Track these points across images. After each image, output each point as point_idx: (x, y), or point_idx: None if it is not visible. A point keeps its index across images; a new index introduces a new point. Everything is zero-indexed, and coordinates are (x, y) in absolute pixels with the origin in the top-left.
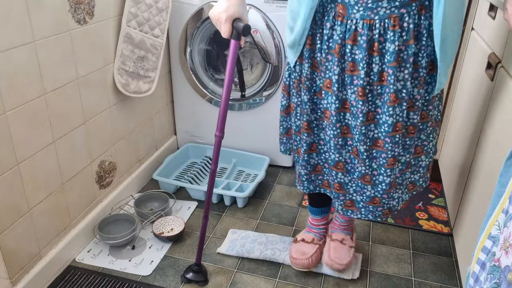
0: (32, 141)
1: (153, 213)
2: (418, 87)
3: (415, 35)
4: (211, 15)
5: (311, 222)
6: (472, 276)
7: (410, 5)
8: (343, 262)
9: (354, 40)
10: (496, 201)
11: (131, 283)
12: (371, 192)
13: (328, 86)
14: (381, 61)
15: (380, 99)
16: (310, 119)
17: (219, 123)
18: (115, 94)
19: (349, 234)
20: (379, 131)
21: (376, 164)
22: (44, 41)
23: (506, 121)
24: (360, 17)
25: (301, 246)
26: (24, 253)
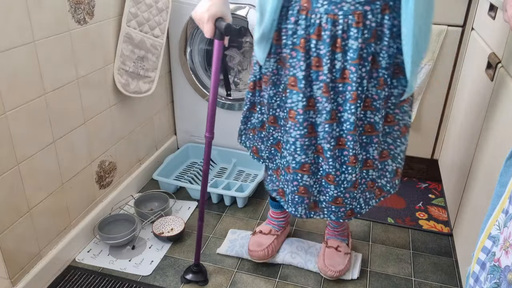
0: (32, 141)
1: (153, 213)
2: (377, 87)
3: (377, 34)
4: (194, 16)
5: (271, 215)
6: (472, 276)
7: (374, 3)
8: (337, 269)
9: (318, 35)
10: (496, 201)
11: (131, 283)
12: (334, 192)
13: (293, 84)
14: (343, 58)
15: (341, 97)
16: (277, 114)
17: (208, 124)
18: (115, 94)
19: (344, 240)
20: (340, 129)
21: (339, 163)
22: (44, 41)
23: (506, 121)
24: (324, 11)
25: (259, 238)
26: (24, 253)
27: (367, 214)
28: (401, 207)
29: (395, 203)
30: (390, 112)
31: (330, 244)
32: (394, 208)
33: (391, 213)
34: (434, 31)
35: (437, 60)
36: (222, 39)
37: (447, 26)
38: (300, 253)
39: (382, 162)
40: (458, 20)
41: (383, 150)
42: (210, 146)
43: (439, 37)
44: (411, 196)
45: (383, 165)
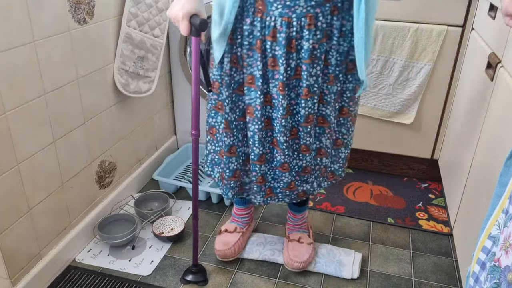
0: (32, 141)
1: (153, 213)
2: (327, 83)
3: (327, 34)
4: (169, 15)
5: (235, 212)
6: (472, 276)
7: (324, 5)
8: (302, 259)
9: (274, 37)
10: (496, 201)
11: (131, 283)
12: (288, 178)
13: (250, 82)
14: (297, 57)
15: (294, 92)
16: (229, 118)
17: (193, 122)
18: (115, 94)
19: (305, 232)
20: (293, 121)
21: (291, 151)
22: (44, 41)
23: (506, 121)
24: (278, 14)
25: (225, 237)
26: (24, 253)
27: (367, 214)
28: (401, 207)
29: (395, 203)
30: (345, 105)
31: (292, 237)
32: (394, 208)
33: (391, 213)
34: (434, 31)
35: (437, 60)
36: (199, 35)
37: (447, 26)
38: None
39: (336, 149)
40: (458, 20)
41: (337, 139)
42: (197, 143)
43: (439, 37)
44: (411, 196)
45: (337, 152)
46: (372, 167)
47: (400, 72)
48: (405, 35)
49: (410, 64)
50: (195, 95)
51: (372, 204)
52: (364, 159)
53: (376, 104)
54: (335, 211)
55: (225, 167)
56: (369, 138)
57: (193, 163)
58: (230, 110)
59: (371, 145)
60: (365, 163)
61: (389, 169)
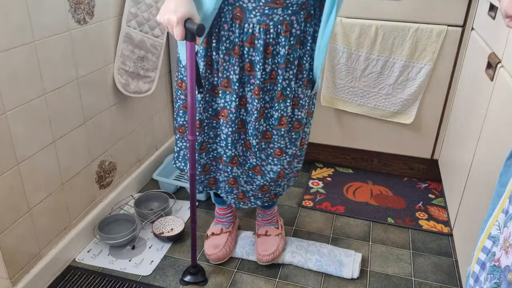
0: (32, 141)
1: (153, 213)
2: (302, 87)
3: (300, 40)
4: (160, 19)
5: (218, 212)
6: (472, 276)
7: (299, 13)
8: (270, 251)
9: (251, 43)
10: (496, 201)
11: (131, 283)
12: (260, 181)
13: (226, 85)
14: (273, 62)
15: (268, 95)
16: (201, 117)
17: (190, 127)
18: (115, 94)
19: (273, 225)
20: (267, 124)
21: (265, 155)
22: (44, 41)
23: (506, 121)
24: (257, 21)
25: (213, 240)
26: (24, 253)
27: (367, 214)
28: (401, 207)
29: (395, 203)
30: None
31: (260, 232)
32: (394, 208)
33: (391, 213)
34: (434, 31)
35: (437, 60)
36: (194, 40)
37: (447, 26)
38: (300, 252)
39: (301, 149)
40: (458, 20)
41: (302, 138)
42: (194, 148)
43: (439, 37)
44: (411, 196)
45: (301, 151)
46: (372, 167)
47: (400, 72)
48: (405, 35)
49: (410, 64)
50: (191, 101)
51: (372, 204)
52: (364, 159)
53: (376, 104)
54: (335, 211)
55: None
56: (369, 138)
57: (190, 168)
58: (203, 110)
59: (371, 145)
60: (365, 163)
61: (389, 169)
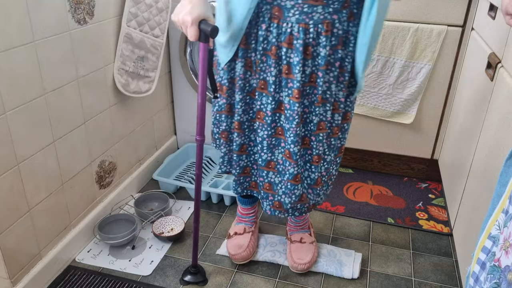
0: (32, 141)
1: (153, 213)
2: (343, 91)
3: (342, 40)
4: (174, 19)
5: (241, 212)
6: (472, 276)
7: (341, 12)
8: (305, 260)
9: (290, 44)
10: (496, 201)
11: (131, 283)
12: (300, 190)
13: (262, 87)
14: (313, 63)
15: (308, 99)
16: (241, 119)
17: (198, 128)
18: (115, 94)
19: (306, 231)
20: (306, 130)
21: (303, 161)
22: (44, 41)
23: (506, 121)
24: (295, 21)
25: (236, 240)
26: (24, 253)
27: (367, 214)
28: (401, 207)
29: (395, 203)
30: (349, 110)
31: (294, 238)
32: (394, 208)
33: (391, 213)
34: (434, 31)
35: (437, 60)
36: (208, 41)
37: (447, 26)
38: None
39: (339, 156)
40: (458, 20)
41: (342, 145)
42: (202, 149)
43: (439, 37)
44: (411, 196)
45: (339, 158)
46: (372, 167)
47: (400, 72)
48: (405, 35)
49: (410, 64)
50: (201, 101)
51: (372, 204)
52: (364, 159)
53: (376, 104)
54: (335, 211)
55: (235, 164)
56: (369, 138)
57: (196, 168)
58: (243, 112)
59: (371, 145)
60: (365, 163)
61: (389, 169)
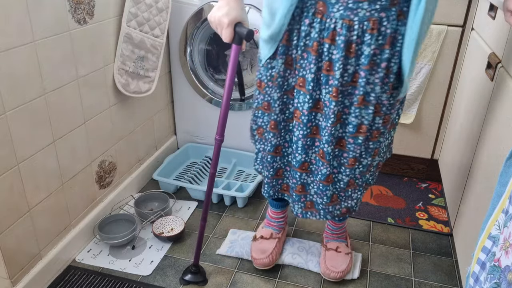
0: (32, 141)
1: (153, 213)
2: (387, 93)
3: (390, 40)
4: (211, 19)
5: (271, 215)
6: (472, 276)
7: (390, 9)
8: (339, 269)
9: (332, 40)
10: (496, 201)
11: (131, 283)
12: (332, 191)
13: (301, 84)
14: (356, 62)
15: (349, 99)
16: (278, 118)
17: (219, 127)
18: (115, 94)
19: (343, 241)
20: (343, 131)
21: (337, 163)
22: (44, 41)
23: (506, 121)
24: (339, 16)
25: (261, 244)
26: (24, 253)
27: (367, 214)
28: (401, 207)
29: (395, 203)
30: (388, 113)
31: (329, 246)
32: (394, 208)
33: (391, 213)
34: (434, 31)
35: (437, 60)
36: (241, 44)
37: (447, 26)
38: (301, 254)
39: (372, 159)
40: (458, 20)
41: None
42: (219, 148)
43: (439, 37)
44: (411, 196)
45: (372, 161)
46: None
47: None
48: None
49: None
50: (226, 102)
51: (372, 204)
52: None
53: None
54: None
55: (269, 165)
56: None
57: (212, 167)
58: (280, 111)
59: None
60: None
61: (389, 169)
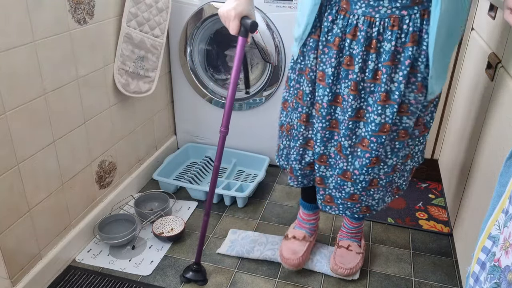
0: (32, 141)
1: (153, 213)
2: (414, 92)
3: (415, 39)
4: (220, 13)
5: (302, 217)
6: (472, 276)
7: (412, 8)
8: (347, 266)
9: (354, 35)
10: (496, 201)
11: (131, 283)
12: (350, 189)
13: (320, 78)
14: (377, 59)
15: (372, 97)
16: (309, 112)
17: (224, 119)
18: (115, 94)
19: (356, 241)
20: (366, 130)
21: (359, 164)
22: (44, 41)
23: (506, 121)
24: (362, 13)
25: (292, 244)
26: (24, 253)
27: None
28: (401, 207)
29: (395, 203)
30: (421, 115)
31: (341, 244)
32: (394, 208)
33: (391, 213)
34: None
35: None
36: (247, 36)
37: None
38: None
39: (403, 163)
40: None
41: (408, 153)
42: (224, 140)
43: None
44: (411, 196)
45: (404, 165)
46: None
47: None
48: None
49: None
50: (231, 94)
51: None
52: None
53: None
54: None
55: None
56: None
57: (216, 160)
58: (311, 104)
59: None
60: None
61: None
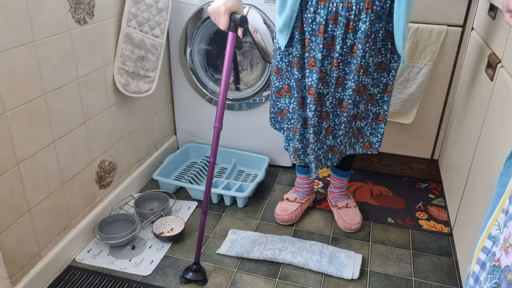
0: (32, 141)
1: (153, 213)
2: (373, 57)
3: (379, 15)
4: (210, 9)
5: (298, 182)
6: (472, 276)
7: None
8: (356, 221)
9: (335, 20)
10: (496, 201)
11: (131, 283)
12: (331, 141)
13: (312, 64)
14: (354, 36)
15: (348, 67)
16: (303, 94)
17: (218, 114)
18: (115, 94)
19: (349, 198)
20: (344, 94)
21: (339, 121)
22: (44, 41)
23: (506, 121)
24: (340, 0)
25: (285, 204)
26: (24, 253)
27: (367, 214)
28: (401, 207)
29: (395, 203)
30: (390, 83)
31: (340, 205)
32: (394, 208)
33: (391, 213)
34: (434, 31)
35: (437, 60)
36: (236, 31)
37: (447, 26)
38: (301, 253)
39: (377, 124)
40: (458, 20)
41: (379, 114)
42: (218, 136)
43: (439, 37)
44: (411, 196)
45: (377, 126)
46: (372, 167)
47: (400, 72)
48: None
49: (410, 64)
50: (224, 88)
51: (372, 204)
52: (364, 159)
53: None
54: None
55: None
56: None
57: (211, 156)
58: (304, 87)
59: None
60: (365, 163)
61: (389, 169)
